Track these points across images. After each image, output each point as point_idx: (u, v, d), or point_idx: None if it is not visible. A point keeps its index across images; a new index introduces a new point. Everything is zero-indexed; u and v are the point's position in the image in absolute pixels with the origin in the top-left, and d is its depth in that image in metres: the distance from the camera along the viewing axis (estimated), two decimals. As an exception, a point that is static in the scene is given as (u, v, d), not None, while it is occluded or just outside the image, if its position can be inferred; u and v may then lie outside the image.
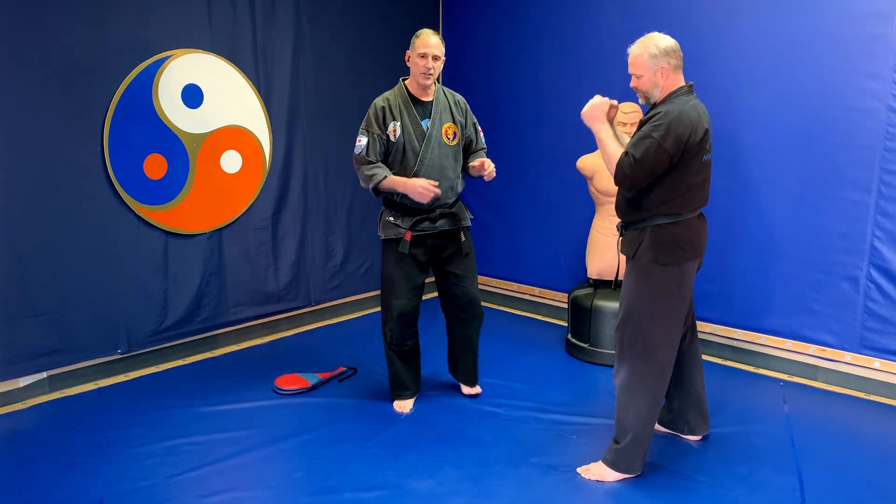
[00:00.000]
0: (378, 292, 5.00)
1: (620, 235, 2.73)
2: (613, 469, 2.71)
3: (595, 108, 2.62)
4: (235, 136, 4.04)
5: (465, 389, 3.50)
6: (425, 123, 3.12)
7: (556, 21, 4.53)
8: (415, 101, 3.14)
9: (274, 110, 4.23)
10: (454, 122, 3.18)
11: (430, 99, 3.15)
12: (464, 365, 3.45)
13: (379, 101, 3.14)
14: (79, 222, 3.48)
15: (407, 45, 4.86)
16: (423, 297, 3.37)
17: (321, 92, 4.46)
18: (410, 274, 3.19)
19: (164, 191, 3.77)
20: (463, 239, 3.23)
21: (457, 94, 3.29)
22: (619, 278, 4.01)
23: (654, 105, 2.63)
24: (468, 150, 3.30)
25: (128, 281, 3.69)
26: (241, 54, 4.03)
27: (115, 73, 3.52)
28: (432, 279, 3.39)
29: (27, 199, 3.31)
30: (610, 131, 2.60)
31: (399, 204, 3.15)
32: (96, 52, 3.44)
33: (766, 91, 3.70)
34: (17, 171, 3.26)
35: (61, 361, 3.49)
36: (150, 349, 3.84)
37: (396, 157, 3.12)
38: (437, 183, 3.04)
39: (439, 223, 3.17)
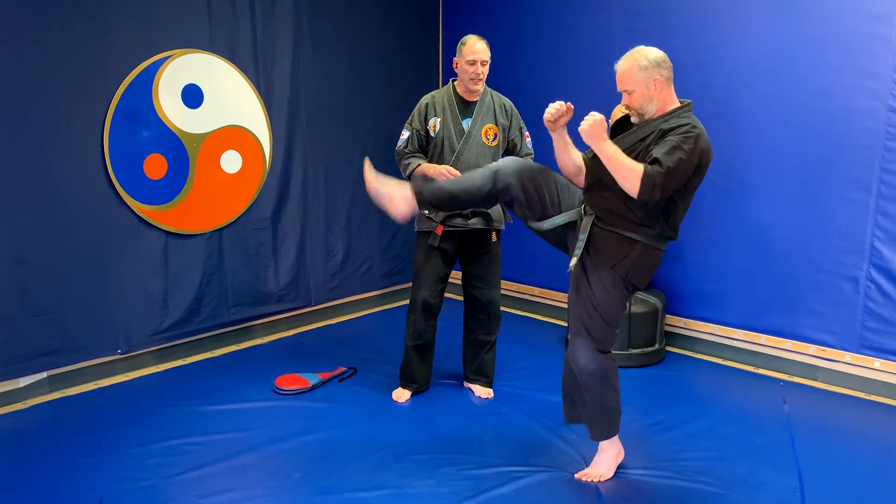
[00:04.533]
0: (378, 292, 5.02)
1: (597, 226, 2.54)
2: (608, 439, 2.73)
3: (595, 127, 2.38)
4: (235, 136, 4.04)
5: (478, 391, 3.50)
6: (466, 122, 3.22)
7: (555, 21, 4.53)
8: (460, 100, 3.25)
9: (274, 110, 4.23)
10: (496, 124, 3.26)
11: (475, 100, 3.25)
12: (481, 362, 3.48)
13: (425, 99, 3.29)
14: (79, 222, 3.48)
15: (407, 44, 4.91)
16: (447, 296, 3.41)
17: (321, 92, 4.46)
18: (437, 267, 3.29)
19: (164, 191, 3.77)
20: (493, 240, 3.31)
21: (505, 97, 3.34)
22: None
23: (651, 119, 2.47)
24: (512, 154, 3.34)
25: (128, 281, 3.69)
26: (241, 54, 4.03)
27: (115, 73, 3.52)
28: (456, 281, 3.43)
29: (27, 199, 3.31)
30: (615, 146, 2.43)
31: None
32: (96, 52, 3.44)
33: (766, 91, 3.70)
34: (17, 170, 3.26)
35: (61, 361, 3.49)
36: (150, 349, 3.84)
37: (435, 151, 3.24)
38: (458, 173, 3.06)
39: (472, 221, 3.24)
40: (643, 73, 2.42)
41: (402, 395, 3.44)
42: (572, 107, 2.55)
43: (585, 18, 4.38)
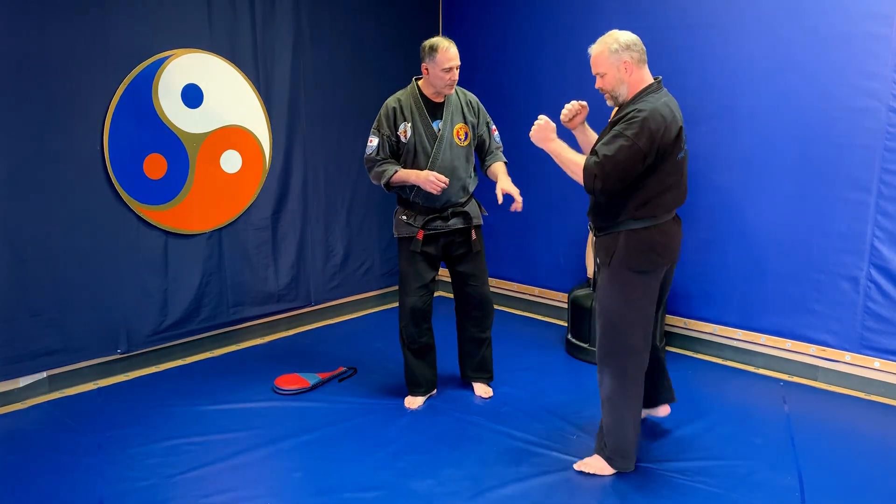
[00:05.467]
0: (378, 292, 5.02)
1: (595, 237, 2.69)
2: (610, 466, 2.75)
3: (541, 130, 2.57)
4: (235, 136, 4.04)
5: (478, 390, 3.50)
6: (437, 124, 3.15)
7: (556, 21, 4.53)
8: (428, 102, 3.17)
9: (274, 110, 4.23)
10: (466, 122, 3.22)
11: (442, 100, 3.18)
12: (481, 359, 3.49)
13: (391, 102, 3.18)
14: (79, 222, 3.48)
15: (407, 44, 4.91)
16: (439, 295, 3.39)
17: (321, 92, 4.46)
18: (421, 272, 3.26)
19: (164, 191, 3.77)
20: (474, 237, 3.29)
21: (469, 93, 3.31)
22: (591, 278, 3.98)
23: (623, 104, 2.55)
24: (482, 149, 3.32)
25: (128, 281, 3.69)
26: (241, 54, 4.03)
27: (115, 73, 3.52)
28: (447, 279, 3.43)
29: (27, 199, 3.31)
30: (562, 144, 2.57)
31: (412, 203, 3.21)
32: (96, 52, 3.44)
33: (766, 91, 3.70)
34: (18, 170, 3.26)
35: (61, 361, 3.50)
36: (150, 349, 3.84)
37: (408, 157, 3.17)
38: (445, 178, 3.07)
39: (451, 221, 3.23)
40: (614, 57, 2.49)
41: (413, 402, 3.38)
42: (586, 104, 2.68)
43: (586, 18, 4.38)
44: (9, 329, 3.30)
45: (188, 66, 3.78)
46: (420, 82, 3.19)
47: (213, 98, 3.91)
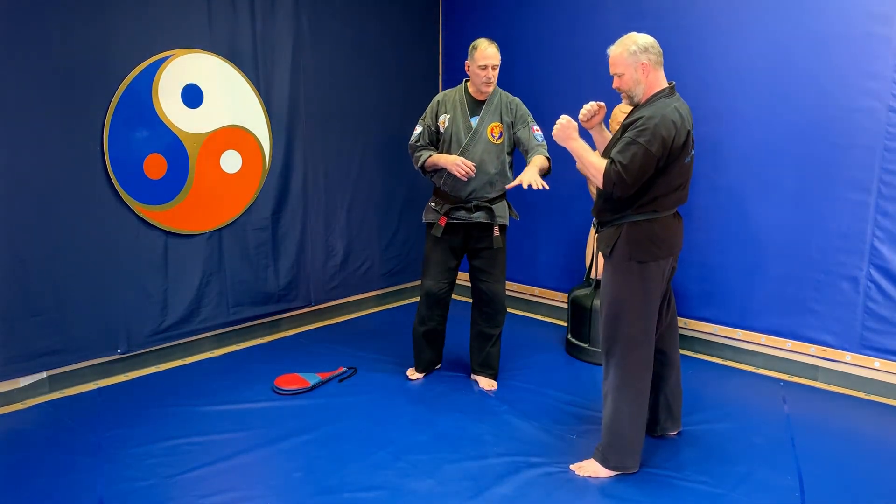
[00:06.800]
0: (378, 292, 5.03)
1: (596, 232, 2.78)
2: (604, 466, 2.74)
3: (563, 129, 2.64)
4: (235, 136, 4.04)
5: (482, 383, 3.61)
6: (474, 120, 3.35)
7: (555, 20, 4.53)
8: (471, 99, 3.40)
9: (274, 110, 4.23)
10: (501, 122, 3.38)
11: (484, 99, 3.37)
12: (486, 355, 3.61)
13: (438, 96, 3.48)
14: (79, 222, 3.48)
15: (407, 44, 4.91)
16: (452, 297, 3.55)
17: (321, 92, 4.46)
18: (442, 257, 3.46)
19: (164, 191, 3.76)
20: (495, 234, 3.40)
21: (513, 97, 3.46)
22: (592, 275, 4.02)
23: (637, 106, 2.64)
24: (521, 146, 3.41)
25: (128, 281, 3.69)
26: (241, 54, 4.03)
27: (115, 73, 3.52)
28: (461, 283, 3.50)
29: (27, 200, 3.31)
30: (584, 144, 2.64)
31: (441, 191, 3.40)
32: (96, 52, 3.44)
33: (766, 91, 3.70)
34: (17, 171, 3.26)
35: (61, 361, 3.49)
36: (150, 349, 3.84)
37: (443, 146, 3.39)
38: (473, 164, 3.24)
39: (475, 215, 3.37)
40: (632, 58, 2.58)
41: (412, 374, 3.69)
42: (603, 105, 2.76)
43: (585, 18, 4.39)
44: (9, 329, 3.30)
45: (188, 66, 3.78)
46: (467, 82, 3.41)
47: (213, 98, 3.91)
